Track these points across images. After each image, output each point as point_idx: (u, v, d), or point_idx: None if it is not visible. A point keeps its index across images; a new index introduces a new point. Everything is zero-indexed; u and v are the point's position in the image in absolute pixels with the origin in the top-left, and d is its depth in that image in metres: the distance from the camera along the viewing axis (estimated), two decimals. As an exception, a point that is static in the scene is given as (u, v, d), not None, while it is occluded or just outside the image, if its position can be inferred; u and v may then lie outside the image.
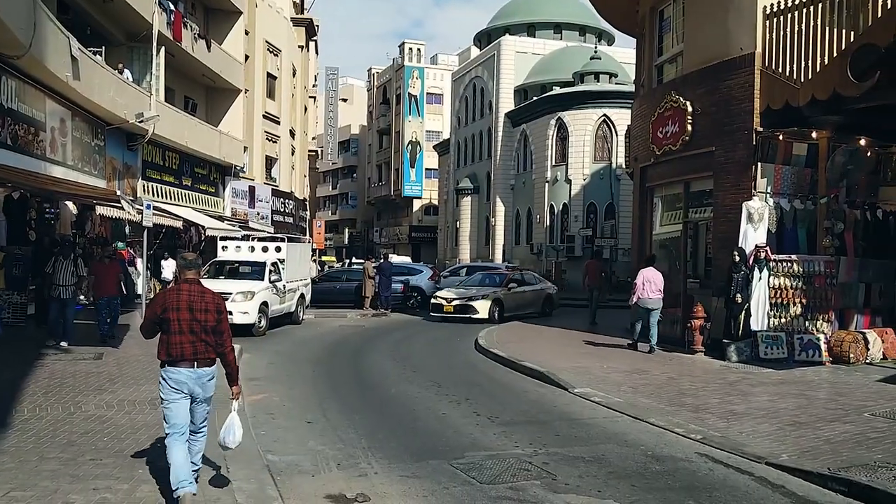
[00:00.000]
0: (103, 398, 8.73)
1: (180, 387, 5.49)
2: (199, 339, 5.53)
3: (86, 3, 19.03)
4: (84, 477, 5.87)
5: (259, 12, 31.30)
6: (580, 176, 41.18)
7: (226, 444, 5.82)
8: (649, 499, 5.96)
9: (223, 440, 5.78)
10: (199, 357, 5.54)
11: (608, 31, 50.87)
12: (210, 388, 5.68)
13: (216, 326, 5.59)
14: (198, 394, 5.57)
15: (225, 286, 16.51)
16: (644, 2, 17.89)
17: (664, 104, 15.59)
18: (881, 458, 6.74)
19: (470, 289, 22.25)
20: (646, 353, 13.92)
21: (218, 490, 5.74)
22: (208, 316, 5.57)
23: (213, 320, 5.58)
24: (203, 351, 5.56)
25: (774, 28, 13.16)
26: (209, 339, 5.57)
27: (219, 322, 5.61)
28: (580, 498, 5.94)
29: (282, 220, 34.15)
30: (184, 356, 5.49)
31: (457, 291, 21.99)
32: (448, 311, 20.95)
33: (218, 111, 28.73)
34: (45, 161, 15.12)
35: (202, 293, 5.65)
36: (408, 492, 6.04)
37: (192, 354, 5.51)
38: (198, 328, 5.53)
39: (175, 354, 5.49)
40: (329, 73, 69.90)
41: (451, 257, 53.81)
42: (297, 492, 5.98)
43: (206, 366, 5.58)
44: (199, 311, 5.55)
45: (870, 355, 12.55)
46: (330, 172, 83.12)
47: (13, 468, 6.02)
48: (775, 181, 13.44)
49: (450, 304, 21.04)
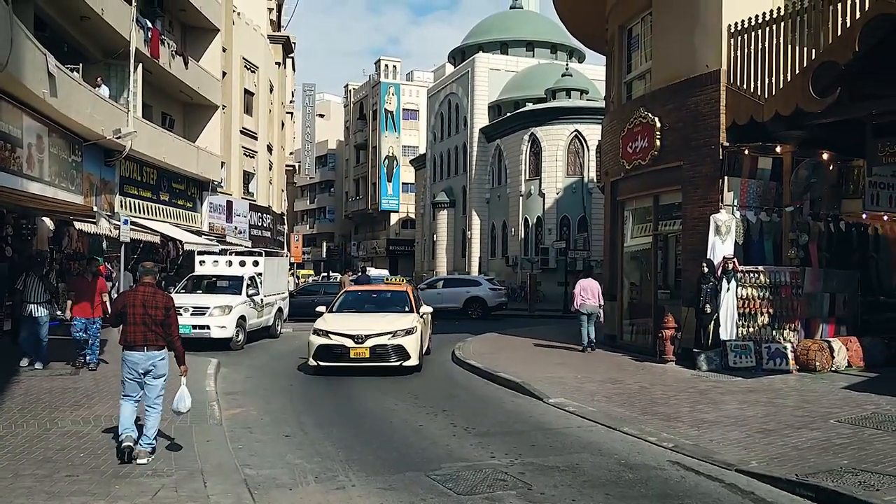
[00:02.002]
0: (80, 414, 8.58)
1: (134, 367, 6.91)
2: (149, 330, 6.90)
3: (63, 20, 18.84)
4: (60, 493, 5.76)
5: (236, 30, 31.19)
6: (553, 190, 41.43)
7: (178, 410, 7.10)
8: (623, 507, 5.98)
9: (175, 406, 7.06)
10: (148, 343, 6.91)
11: (579, 48, 51.36)
12: (161, 368, 7.01)
13: (164, 320, 6.95)
14: (150, 370, 6.93)
15: (202, 300, 16.35)
16: (613, 20, 18.08)
17: (633, 120, 15.74)
18: (847, 463, 6.81)
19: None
20: (582, 351, 15.45)
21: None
22: (157, 312, 6.92)
23: (161, 315, 6.93)
24: (153, 339, 6.92)
25: (739, 46, 13.35)
26: (158, 330, 6.93)
27: (166, 317, 6.96)
28: (555, 507, 5.94)
29: (259, 235, 33.91)
30: (136, 342, 6.90)
31: None
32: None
33: (196, 127, 28.53)
34: (22, 177, 14.88)
35: (154, 294, 7.04)
36: (385, 504, 6.00)
37: (142, 341, 6.90)
38: (149, 321, 6.89)
39: (130, 340, 6.92)
40: (306, 89, 69.80)
41: (429, 270, 53.75)
42: (274, 506, 5.91)
43: (155, 349, 6.94)
44: (151, 308, 6.91)
45: (835, 363, 12.70)
46: (308, 187, 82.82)
47: (-13, 486, 5.89)
48: (742, 194, 13.61)
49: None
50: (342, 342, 12.66)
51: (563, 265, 32.76)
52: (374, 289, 17.27)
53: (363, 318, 13.73)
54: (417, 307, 14.46)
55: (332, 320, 13.44)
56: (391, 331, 12.83)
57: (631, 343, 16.36)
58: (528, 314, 29.32)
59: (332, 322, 13.30)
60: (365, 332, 12.70)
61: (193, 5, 25.69)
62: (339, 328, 12.90)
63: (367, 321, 13.35)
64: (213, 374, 11.87)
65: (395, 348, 12.72)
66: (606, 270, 18.48)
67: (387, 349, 12.68)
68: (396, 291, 15.78)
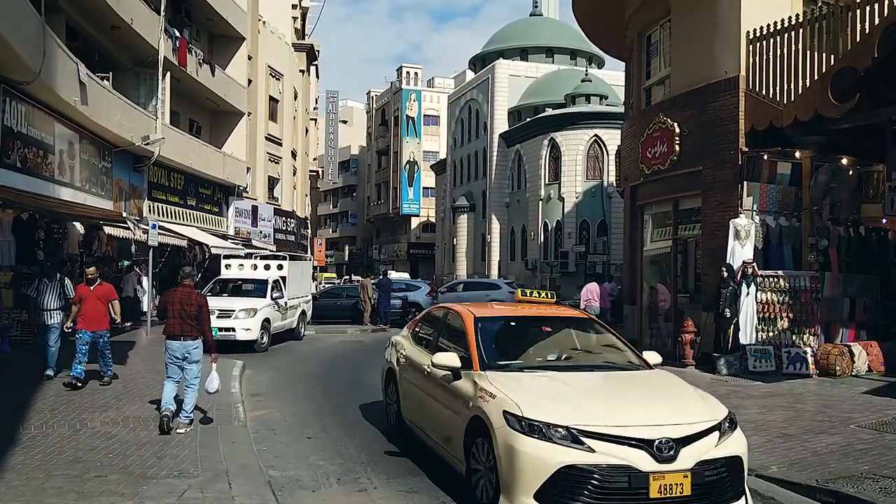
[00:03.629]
0: (109, 415, 8.65)
1: (173, 353, 8.11)
2: (185, 323, 8.06)
3: (94, 30, 19.10)
4: (89, 494, 5.81)
5: (262, 38, 31.44)
6: (573, 194, 41.30)
7: (209, 390, 8.19)
8: (642, 512, 5.88)
9: (207, 387, 8.15)
10: (185, 334, 8.08)
11: (598, 55, 51.19)
12: (195, 355, 8.15)
13: (198, 315, 8.08)
14: (186, 357, 8.11)
15: (228, 303, 16.45)
16: (632, 27, 17.99)
17: (653, 125, 15.65)
18: (867, 469, 6.70)
19: None
20: None
21: (220, 506, 5.69)
22: (192, 308, 8.06)
23: (195, 311, 8.07)
24: (188, 330, 8.08)
25: (758, 52, 13.24)
26: (193, 323, 8.08)
27: (199, 312, 8.09)
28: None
29: (284, 239, 34.12)
30: (174, 333, 8.09)
31: None
32: None
33: (222, 133, 28.78)
34: (54, 183, 15.11)
35: (190, 293, 8.22)
36: (406, 506, 5.99)
37: (179, 332, 8.08)
38: (185, 315, 8.05)
39: (170, 331, 8.13)
40: (329, 96, 70.28)
41: (449, 273, 53.76)
42: (297, 507, 5.93)
43: (190, 339, 8.11)
44: (187, 304, 8.07)
45: (855, 368, 12.52)
46: (330, 192, 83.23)
47: (20, 485, 5.96)
48: (761, 199, 13.47)
49: None
50: (627, 459, 5.16)
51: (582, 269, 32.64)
52: (537, 314, 7.94)
53: (592, 390, 6.24)
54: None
55: (532, 393, 5.82)
56: (697, 422, 5.62)
57: (650, 347, 16.22)
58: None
59: (541, 399, 5.67)
60: (660, 429, 5.36)
61: (220, 14, 25.93)
62: (594, 420, 5.36)
63: (617, 398, 6.11)
64: (239, 376, 11.93)
65: (726, 467, 5.46)
66: (626, 274, 18.37)
67: (718, 473, 5.38)
68: (574, 319, 8.08)
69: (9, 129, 13.21)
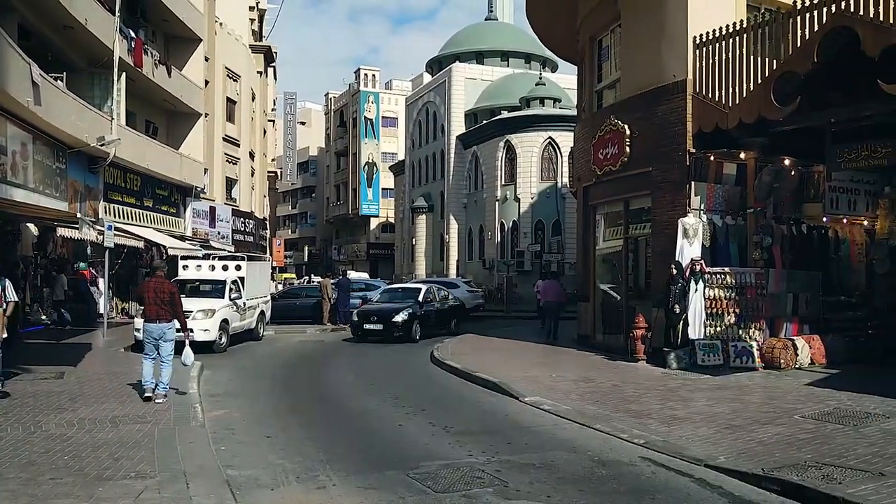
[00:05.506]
0: (64, 417, 8.43)
1: (150, 334, 9.54)
2: (160, 308, 9.51)
3: (47, 29, 18.57)
4: (43, 496, 5.64)
5: (218, 39, 30.95)
6: (528, 195, 41.55)
7: (185, 363, 9.90)
8: (596, 503, 5.96)
9: (183, 360, 9.81)
10: (160, 317, 9.53)
11: (552, 59, 51.49)
12: (169, 335, 9.60)
13: (170, 301, 9.56)
14: (161, 336, 9.54)
15: (186, 304, 15.91)
16: (584, 32, 18.17)
17: (604, 127, 15.81)
18: (810, 457, 6.86)
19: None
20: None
21: (178, 506, 5.57)
22: (164, 295, 9.56)
23: (167, 297, 9.56)
24: (163, 314, 9.53)
25: (704, 56, 13.47)
26: (167, 308, 9.54)
27: (171, 298, 9.58)
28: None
29: (242, 240, 33.64)
30: (151, 317, 9.55)
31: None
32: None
33: (179, 134, 28.23)
34: (6, 184, 14.62)
35: (162, 282, 9.80)
36: (365, 503, 5.94)
37: (155, 316, 9.52)
38: (159, 301, 9.52)
39: (147, 315, 9.60)
40: (287, 97, 69.31)
41: (408, 273, 53.64)
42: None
43: (164, 322, 9.55)
44: (160, 292, 9.57)
45: (799, 361, 12.81)
46: (289, 192, 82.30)
47: (-30, 490, 5.76)
48: (708, 199, 13.70)
49: None
50: None
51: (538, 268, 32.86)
52: None
53: None
54: None
55: None
56: None
57: (603, 343, 16.41)
58: (504, 315, 29.33)
59: None
60: None
61: (176, 16, 25.44)
62: None
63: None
64: (197, 377, 11.70)
65: None
66: (579, 272, 18.53)
67: None
68: None
69: (-42, 129, 12.79)
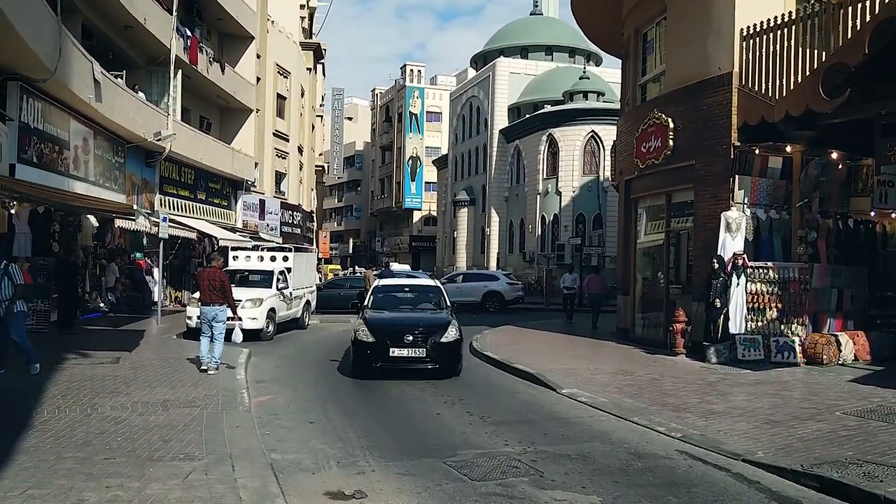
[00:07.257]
0: (118, 400, 8.66)
1: (205, 314, 10.94)
2: (213, 293, 10.89)
3: (108, 29, 19.05)
4: (98, 475, 5.80)
5: (270, 37, 31.34)
6: (569, 188, 41.18)
7: (234, 341, 11.34)
8: (631, 494, 5.89)
9: (235, 339, 11.30)
10: (212, 301, 10.91)
11: (596, 52, 50.96)
12: (221, 316, 10.93)
13: (221, 287, 10.93)
14: (214, 317, 10.89)
15: (236, 294, 16.29)
16: (628, 25, 17.90)
17: (647, 121, 15.57)
18: (851, 455, 6.67)
19: None
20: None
21: (223, 487, 5.67)
22: (216, 283, 10.92)
23: (218, 285, 10.92)
24: (215, 298, 10.91)
25: (751, 49, 13.15)
26: (218, 293, 10.92)
27: (222, 286, 10.94)
28: (565, 494, 5.87)
29: (290, 232, 34.09)
30: (204, 301, 10.98)
31: None
32: None
33: (231, 129, 28.74)
34: (69, 178, 15.09)
35: (215, 272, 11.11)
36: (402, 489, 5.97)
37: (209, 300, 10.93)
38: (213, 287, 10.89)
39: (203, 300, 11.03)
40: (335, 93, 69.95)
41: (449, 265, 53.73)
42: (298, 489, 5.91)
43: (217, 305, 10.91)
44: (213, 280, 10.93)
45: (842, 357, 12.48)
46: (336, 186, 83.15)
47: (31, 467, 5.95)
48: (752, 193, 13.40)
49: None
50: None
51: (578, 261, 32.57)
52: None
53: None
54: None
55: None
56: None
57: (643, 336, 16.20)
58: (543, 308, 29.19)
59: None
60: None
61: (230, 14, 25.85)
62: None
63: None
64: (244, 364, 11.93)
65: None
66: (620, 266, 18.32)
67: None
68: None
69: (26, 125, 13.21)
